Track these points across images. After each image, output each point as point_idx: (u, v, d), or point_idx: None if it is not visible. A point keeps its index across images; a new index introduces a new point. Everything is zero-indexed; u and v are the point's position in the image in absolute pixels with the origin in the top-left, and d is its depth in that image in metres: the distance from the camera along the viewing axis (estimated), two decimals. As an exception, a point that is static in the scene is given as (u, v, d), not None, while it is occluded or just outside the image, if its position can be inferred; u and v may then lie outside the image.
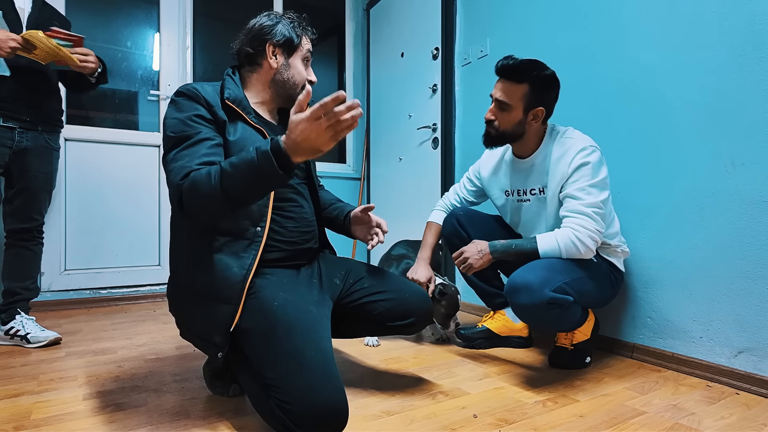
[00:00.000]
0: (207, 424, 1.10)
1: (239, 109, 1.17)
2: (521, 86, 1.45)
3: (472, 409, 1.21)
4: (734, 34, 1.42)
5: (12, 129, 1.70)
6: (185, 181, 1.00)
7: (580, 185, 1.41)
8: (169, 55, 2.86)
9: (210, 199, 0.98)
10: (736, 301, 1.41)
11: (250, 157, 0.95)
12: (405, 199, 2.96)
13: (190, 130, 1.09)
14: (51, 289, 2.50)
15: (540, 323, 1.41)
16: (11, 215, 1.79)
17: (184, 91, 1.14)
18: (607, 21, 1.81)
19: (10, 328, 1.76)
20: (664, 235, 1.60)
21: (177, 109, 1.12)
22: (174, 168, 1.04)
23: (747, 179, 1.39)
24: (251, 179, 0.96)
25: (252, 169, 0.94)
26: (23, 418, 1.13)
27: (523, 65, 1.44)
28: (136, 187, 2.72)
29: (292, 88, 1.27)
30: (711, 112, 1.47)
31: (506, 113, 1.48)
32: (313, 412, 0.92)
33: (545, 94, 1.47)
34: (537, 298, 1.30)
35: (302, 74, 1.28)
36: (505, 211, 1.71)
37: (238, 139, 1.14)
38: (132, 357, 1.63)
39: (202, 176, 0.98)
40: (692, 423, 1.14)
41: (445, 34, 2.62)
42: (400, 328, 1.31)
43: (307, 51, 1.29)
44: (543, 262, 1.39)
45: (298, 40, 1.26)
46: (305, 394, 0.93)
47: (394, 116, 3.10)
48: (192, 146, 1.06)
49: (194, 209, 1.01)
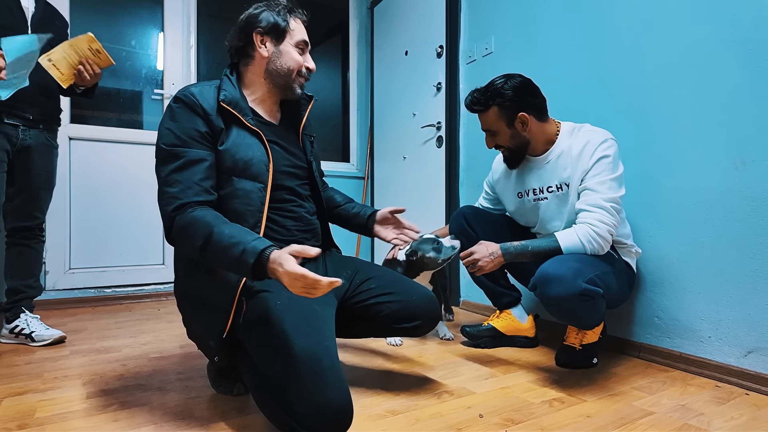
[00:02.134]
0: (211, 423, 1.09)
1: (235, 111, 1.15)
2: (490, 111, 1.51)
3: (477, 408, 1.19)
4: (743, 29, 1.40)
5: (16, 126, 1.71)
6: (177, 217, 1.04)
7: (600, 179, 1.40)
8: (173, 55, 2.86)
9: (193, 251, 1.03)
10: (746, 300, 1.39)
11: (236, 253, 0.96)
12: (409, 198, 2.95)
13: (183, 147, 1.09)
14: (56, 288, 2.50)
15: (570, 315, 1.39)
16: (13, 213, 1.79)
17: (182, 98, 1.12)
18: (613, 17, 1.79)
19: (15, 326, 1.77)
20: (672, 234, 1.58)
21: (172, 117, 1.12)
22: (167, 193, 1.07)
23: (756, 177, 1.37)
24: (228, 266, 1.01)
25: (232, 262, 0.97)
26: (27, 416, 1.13)
27: (480, 96, 1.51)
28: (140, 186, 2.72)
29: (287, 75, 1.23)
30: (719, 108, 1.45)
31: (497, 136, 1.54)
32: (319, 413, 0.90)
33: (518, 102, 1.48)
34: (570, 290, 1.28)
35: (296, 59, 1.23)
36: (519, 214, 1.69)
37: (230, 147, 1.13)
38: (136, 355, 1.63)
39: (193, 229, 1.02)
40: (701, 424, 1.12)
41: (449, 31, 2.60)
42: (407, 331, 1.29)
43: (300, 38, 1.24)
44: (570, 255, 1.39)
45: (285, 23, 1.22)
46: (311, 394, 0.92)
47: (398, 115, 3.09)
48: (185, 169, 1.07)
49: (178, 247, 1.10)
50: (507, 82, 1.49)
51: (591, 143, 1.44)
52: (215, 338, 1.12)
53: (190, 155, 1.08)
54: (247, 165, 1.14)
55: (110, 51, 1.69)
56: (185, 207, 1.05)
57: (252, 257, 0.94)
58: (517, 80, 1.49)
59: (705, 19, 1.50)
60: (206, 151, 1.11)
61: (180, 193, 1.06)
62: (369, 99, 3.46)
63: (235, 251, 0.96)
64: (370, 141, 3.43)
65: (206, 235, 1.00)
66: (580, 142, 1.47)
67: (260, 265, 0.94)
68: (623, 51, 1.75)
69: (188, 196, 1.06)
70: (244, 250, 0.95)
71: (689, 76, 1.54)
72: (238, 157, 1.13)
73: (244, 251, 0.95)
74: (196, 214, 1.04)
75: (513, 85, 1.48)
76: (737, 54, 1.41)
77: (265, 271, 0.94)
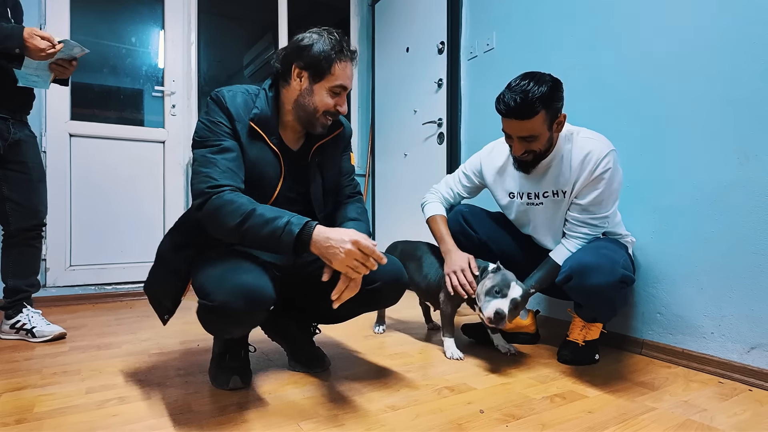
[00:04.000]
0: (210, 418, 1.09)
1: (262, 131, 1.22)
2: (538, 116, 1.34)
3: (478, 404, 1.18)
4: (746, 21, 1.38)
5: (6, 120, 1.67)
6: (214, 197, 1.10)
7: (594, 200, 1.43)
8: (174, 52, 2.86)
9: (226, 229, 1.10)
10: (749, 296, 1.38)
11: (280, 225, 1.07)
12: (410, 195, 2.94)
13: (213, 137, 1.18)
14: (56, 285, 2.50)
15: (608, 304, 1.38)
16: (16, 213, 1.73)
17: (214, 98, 1.22)
18: (613, 11, 1.78)
19: (17, 321, 1.76)
20: (674, 229, 1.57)
21: (206, 112, 1.22)
22: (200, 172, 1.14)
23: (760, 171, 1.36)
24: (267, 238, 1.08)
25: (273, 231, 1.07)
26: (26, 411, 1.12)
27: (529, 99, 1.31)
28: (141, 183, 2.72)
29: (311, 113, 1.23)
30: (722, 102, 1.44)
31: (535, 141, 1.39)
32: (228, 288, 1.05)
33: (557, 103, 1.38)
34: (611, 277, 1.29)
35: (325, 102, 1.22)
36: (509, 211, 1.66)
37: (254, 159, 1.21)
38: (136, 351, 1.63)
39: (231, 208, 1.09)
40: (704, 419, 1.11)
41: (450, 28, 2.59)
42: (370, 296, 1.25)
43: (338, 83, 1.21)
44: (596, 245, 1.43)
45: (327, 66, 1.19)
46: (227, 279, 1.07)
47: (399, 111, 3.08)
48: (216, 154, 1.16)
49: (209, 224, 1.13)
50: (547, 80, 1.35)
51: (593, 156, 1.40)
52: (170, 300, 1.28)
53: (220, 144, 1.17)
54: (260, 178, 1.22)
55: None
56: (221, 188, 1.11)
57: (297, 227, 1.07)
58: (552, 79, 1.37)
59: (707, 13, 1.48)
60: (233, 142, 1.19)
61: (215, 173, 1.13)
62: (370, 96, 3.45)
63: (279, 223, 1.07)
64: (371, 138, 3.42)
65: (245, 213, 1.08)
66: (580, 152, 1.42)
67: (303, 240, 1.07)
68: (625, 46, 1.74)
69: (224, 178, 1.13)
70: (289, 221, 1.07)
71: (692, 71, 1.52)
72: (256, 171, 1.21)
73: (289, 222, 1.07)
74: (233, 195, 1.11)
75: (556, 84, 1.36)
76: (740, 48, 1.40)
77: (309, 239, 1.07)
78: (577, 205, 1.46)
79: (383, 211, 3.30)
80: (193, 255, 1.23)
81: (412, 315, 2.25)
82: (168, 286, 1.27)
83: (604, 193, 1.42)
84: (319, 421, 1.07)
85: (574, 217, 1.48)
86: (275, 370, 1.44)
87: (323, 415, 1.10)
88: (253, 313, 1.08)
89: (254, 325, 1.17)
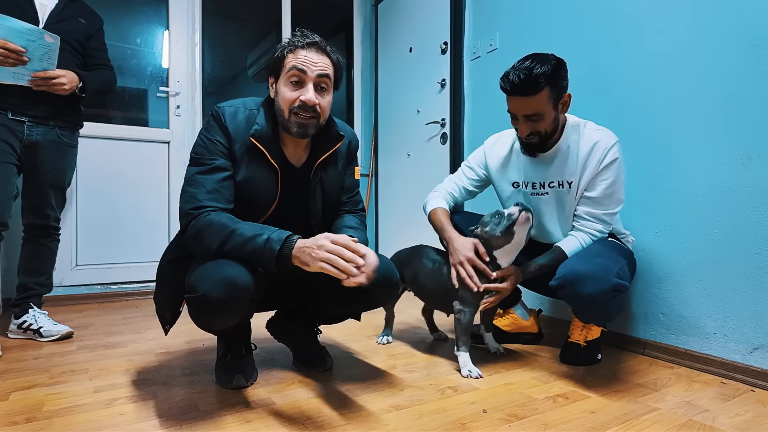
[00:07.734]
0: (216, 417, 1.10)
1: (263, 146, 1.20)
2: (542, 93, 1.33)
3: (481, 404, 1.19)
4: (749, 21, 1.38)
5: (21, 122, 1.71)
6: (192, 220, 1.11)
7: (605, 190, 1.42)
8: (178, 52, 2.87)
9: (207, 252, 1.11)
10: (752, 297, 1.38)
11: (258, 244, 1.06)
12: (413, 195, 2.95)
13: (208, 155, 1.18)
14: (62, 284, 2.53)
15: (601, 312, 1.35)
16: (27, 210, 1.81)
17: (215, 115, 1.21)
18: (617, 12, 1.78)
19: (23, 321, 1.78)
20: (677, 230, 1.58)
21: (206, 129, 1.22)
22: (186, 192, 1.16)
23: (763, 172, 1.36)
24: (249, 255, 1.08)
25: (255, 249, 1.07)
26: (35, 410, 1.14)
27: (533, 75, 1.31)
28: (146, 183, 2.74)
29: (282, 115, 1.20)
30: (726, 103, 1.44)
31: (541, 121, 1.38)
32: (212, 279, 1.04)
33: (562, 81, 1.38)
34: (603, 286, 1.26)
35: (285, 97, 1.18)
36: (511, 203, 1.65)
37: (249, 179, 1.20)
38: (142, 351, 1.64)
39: (210, 232, 1.09)
40: (706, 420, 1.12)
41: (453, 28, 2.60)
42: (361, 294, 1.21)
43: (290, 65, 1.16)
44: (590, 250, 1.40)
45: (283, 61, 1.18)
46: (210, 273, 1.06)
47: (402, 112, 3.09)
48: (206, 174, 1.16)
49: (192, 248, 1.15)
50: (551, 59, 1.34)
51: (600, 146, 1.41)
52: (170, 310, 1.27)
53: (216, 163, 1.17)
54: (254, 198, 1.22)
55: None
56: (203, 209, 1.12)
57: (277, 244, 1.05)
58: (557, 59, 1.36)
59: (710, 14, 1.48)
60: (227, 162, 1.19)
61: (200, 194, 1.13)
62: (373, 96, 3.46)
63: (258, 241, 1.06)
64: (375, 138, 3.43)
65: (224, 234, 1.08)
66: (588, 142, 1.43)
67: (287, 248, 1.06)
68: (628, 47, 1.74)
69: (207, 200, 1.13)
70: (269, 239, 1.06)
71: (694, 71, 1.52)
72: (249, 191, 1.21)
73: (269, 239, 1.06)
74: (213, 216, 1.11)
75: (559, 63, 1.36)
76: (742, 49, 1.40)
77: (290, 253, 1.05)
78: (589, 198, 1.44)
79: (386, 211, 3.31)
80: (187, 267, 1.20)
81: (413, 315, 2.26)
82: (167, 297, 1.27)
83: (615, 184, 1.41)
84: (323, 420, 1.09)
85: (588, 212, 1.45)
86: (280, 369, 1.45)
87: (327, 415, 1.12)
88: (234, 301, 1.06)
89: (238, 314, 1.12)
